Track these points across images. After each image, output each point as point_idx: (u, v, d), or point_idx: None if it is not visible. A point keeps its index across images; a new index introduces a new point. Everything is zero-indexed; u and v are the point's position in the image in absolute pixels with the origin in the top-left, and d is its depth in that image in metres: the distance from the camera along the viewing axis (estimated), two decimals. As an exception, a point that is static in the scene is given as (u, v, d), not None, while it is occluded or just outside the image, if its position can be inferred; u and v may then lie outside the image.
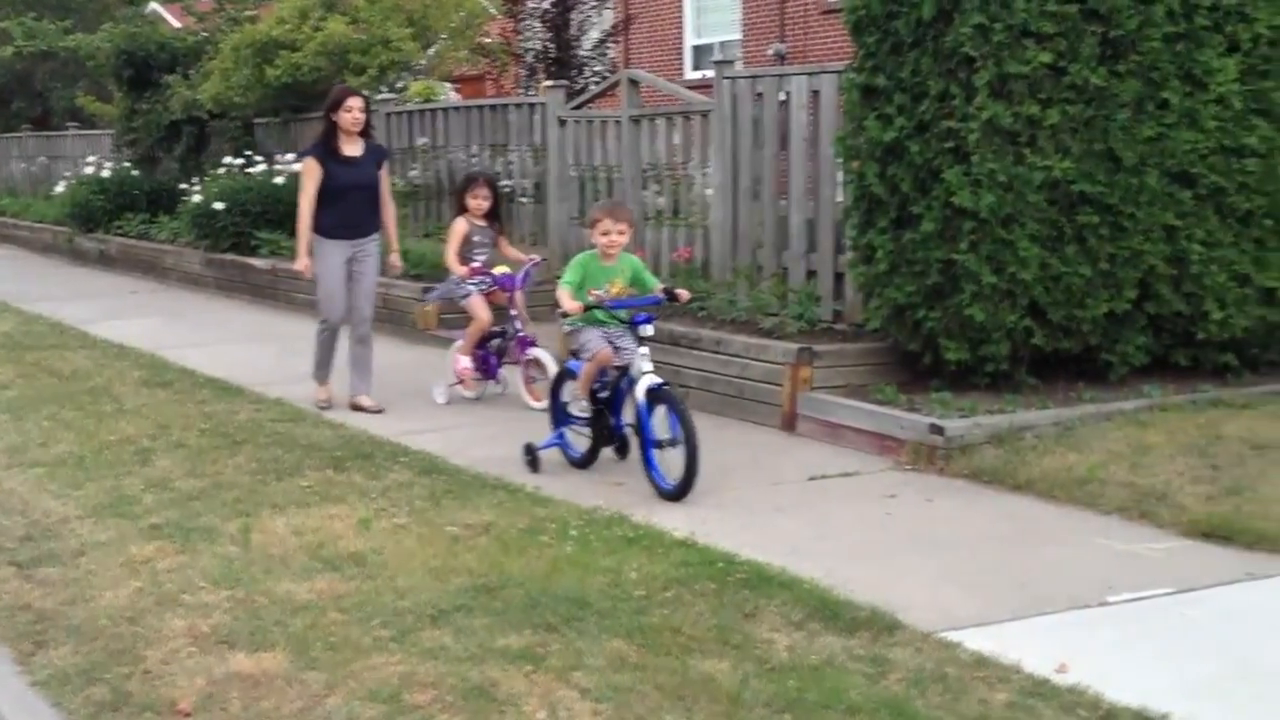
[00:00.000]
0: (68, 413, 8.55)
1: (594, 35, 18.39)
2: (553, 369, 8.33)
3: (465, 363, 9.00)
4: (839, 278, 8.89)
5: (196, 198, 15.61)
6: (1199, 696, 4.19)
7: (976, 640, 4.64)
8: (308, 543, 5.74)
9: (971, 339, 7.57)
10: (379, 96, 14.69)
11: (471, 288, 8.93)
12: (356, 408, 8.71)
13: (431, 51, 16.77)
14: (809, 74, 9.19)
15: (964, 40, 7.31)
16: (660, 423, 6.57)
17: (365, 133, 8.84)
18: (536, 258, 9.49)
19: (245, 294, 14.76)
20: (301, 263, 8.73)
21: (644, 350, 6.67)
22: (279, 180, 15.12)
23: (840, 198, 8.78)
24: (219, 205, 14.98)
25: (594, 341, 6.85)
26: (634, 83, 11.36)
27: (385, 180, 8.94)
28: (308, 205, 8.65)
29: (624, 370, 6.80)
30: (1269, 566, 5.47)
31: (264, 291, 14.42)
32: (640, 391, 6.60)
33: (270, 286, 14.31)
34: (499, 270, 9.03)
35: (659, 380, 6.64)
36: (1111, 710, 4.07)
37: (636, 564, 5.39)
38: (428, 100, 15.09)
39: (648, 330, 6.69)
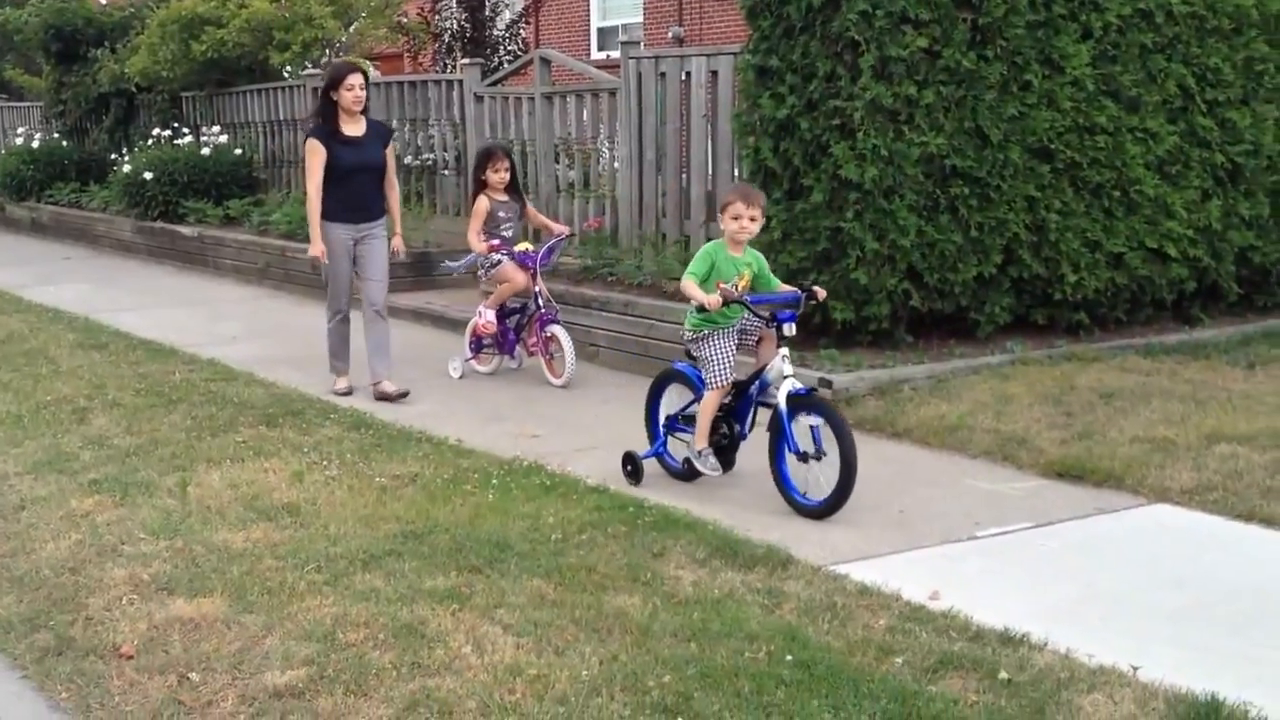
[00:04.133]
0: (4, 374, 8.38)
1: (507, 16, 18.27)
2: (569, 345, 7.95)
3: (489, 316, 8.27)
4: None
5: (127, 168, 15.32)
6: (1055, 618, 4.36)
7: (861, 572, 4.78)
8: (243, 495, 5.72)
9: (856, 300, 7.72)
10: (304, 72, 14.53)
11: (500, 258, 8.23)
12: (382, 396, 7.79)
13: (352, 29, 16.55)
14: (708, 55, 9.25)
15: (849, 25, 7.41)
16: (802, 432, 5.59)
17: (365, 110, 7.96)
18: (566, 229, 8.73)
19: (175, 260, 14.52)
20: (316, 249, 7.83)
21: (784, 351, 5.65)
22: (205, 151, 14.91)
23: (737, 170, 8.87)
24: (148, 175, 14.72)
25: (720, 356, 5.78)
26: (546, 61, 11.34)
27: (391, 160, 8.11)
28: (316, 191, 7.76)
29: (756, 374, 5.81)
30: (1116, 502, 5.68)
31: (193, 257, 14.20)
32: (781, 397, 5.59)
33: (198, 252, 14.10)
34: (521, 248, 8.28)
35: (803, 385, 5.69)
36: (979, 631, 4.21)
37: (554, 509, 5.45)
38: (350, 76, 14.88)
39: (790, 329, 5.68)
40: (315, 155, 7.78)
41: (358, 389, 7.95)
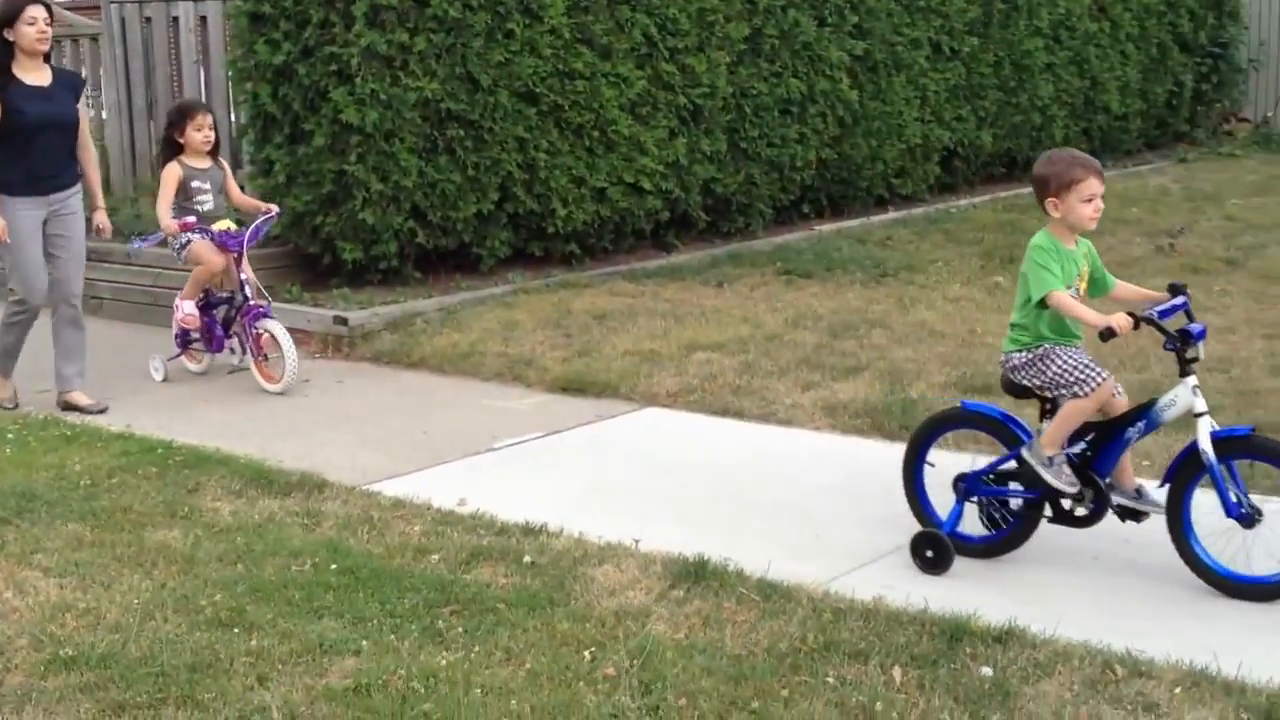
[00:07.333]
0: None
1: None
2: (288, 343, 6.61)
3: (189, 308, 6.83)
4: (241, 189, 8.89)
5: None
6: (569, 509, 4.85)
7: (392, 489, 5.07)
8: None
9: (364, 240, 7.93)
10: None
11: (192, 237, 6.79)
12: (70, 406, 6.38)
13: None
14: (195, 1, 9.05)
15: (339, -26, 7.55)
16: (1231, 486, 4.08)
17: (48, 57, 6.48)
18: (273, 208, 7.06)
19: None
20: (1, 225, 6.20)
21: (1193, 381, 4.10)
22: None
23: (234, 116, 8.79)
24: None
25: (1080, 359, 4.22)
26: (13, 5, 10.60)
27: (84, 117, 6.58)
28: None
29: (1141, 410, 4.22)
30: (612, 409, 6.25)
31: None
32: (1203, 439, 4.05)
33: None
34: (220, 226, 6.80)
35: (1235, 427, 4.17)
36: (505, 526, 4.62)
37: (79, 458, 5.36)
38: None
39: (1200, 350, 4.14)
40: None
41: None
